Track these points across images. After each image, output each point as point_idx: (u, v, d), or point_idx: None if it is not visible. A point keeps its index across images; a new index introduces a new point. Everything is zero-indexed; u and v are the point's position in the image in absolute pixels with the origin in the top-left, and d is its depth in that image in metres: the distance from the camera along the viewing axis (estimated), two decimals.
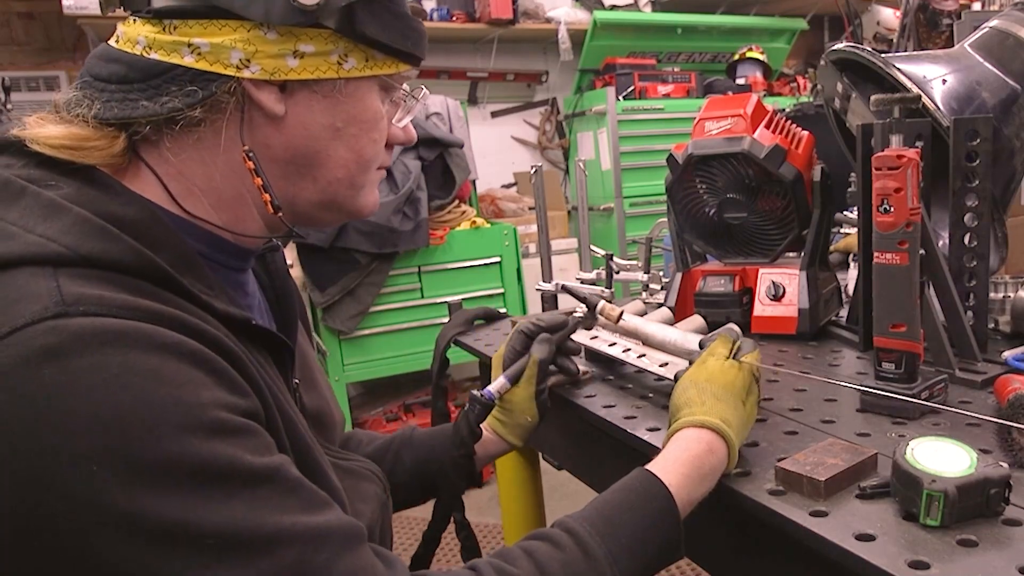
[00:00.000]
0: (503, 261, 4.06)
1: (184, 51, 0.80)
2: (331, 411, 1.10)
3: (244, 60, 0.80)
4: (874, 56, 1.41)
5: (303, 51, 0.83)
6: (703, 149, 1.53)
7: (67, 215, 0.72)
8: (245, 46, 0.80)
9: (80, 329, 0.64)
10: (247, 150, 0.84)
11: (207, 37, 0.80)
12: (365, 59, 0.87)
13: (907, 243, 1.04)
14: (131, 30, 0.82)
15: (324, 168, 0.89)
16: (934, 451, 0.82)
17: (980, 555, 0.73)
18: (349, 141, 0.89)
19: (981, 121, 1.25)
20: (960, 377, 1.19)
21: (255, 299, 0.98)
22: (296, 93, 0.85)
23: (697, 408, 0.96)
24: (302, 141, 0.87)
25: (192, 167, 0.83)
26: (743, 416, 0.98)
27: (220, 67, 0.80)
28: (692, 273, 1.66)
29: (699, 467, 0.92)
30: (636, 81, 4.99)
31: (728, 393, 0.98)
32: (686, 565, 2.98)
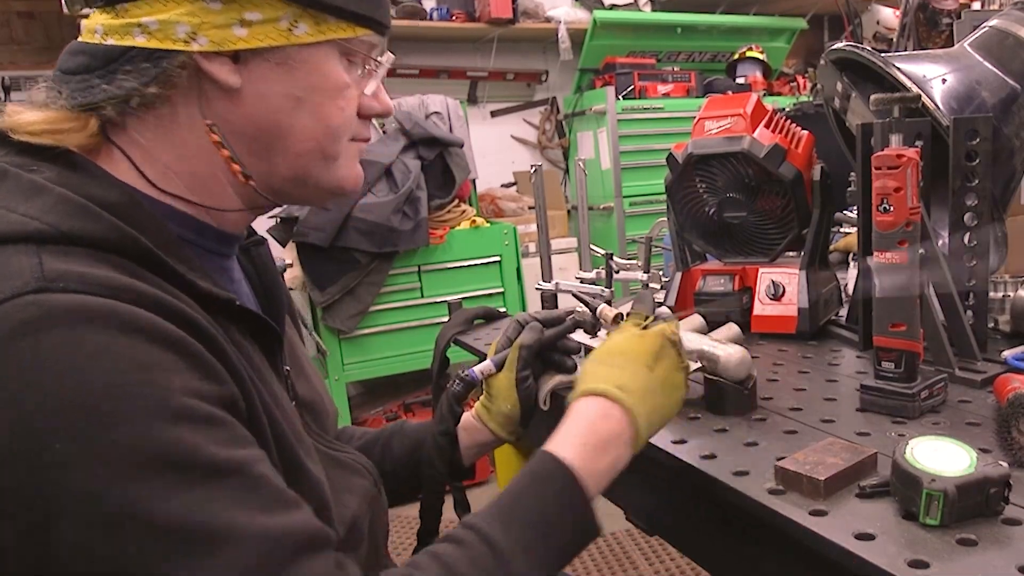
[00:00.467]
0: (503, 260, 4.06)
1: (135, 32, 0.81)
2: (323, 401, 1.10)
3: (191, 33, 0.80)
4: (874, 55, 1.41)
5: (249, 19, 0.82)
6: (703, 148, 1.53)
7: (49, 195, 0.73)
8: (190, 19, 0.80)
9: (58, 305, 0.65)
10: (209, 124, 0.85)
11: (154, 15, 0.80)
12: (316, 23, 0.86)
13: (907, 242, 1.04)
14: (90, 21, 0.84)
15: (291, 140, 0.88)
16: (934, 450, 0.82)
17: (980, 554, 0.73)
18: (313, 110, 0.88)
19: (981, 120, 1.25)
20: (960, 376, 1.19)
21: (241, 287, 0.99)
22: (251, 64, 0.84)
23: (589, 379, 0.95)
24: (263, 113, 0.86)
25: (162, 148, 0.84)
26: (647, 381, 0.94)
27: (169, 43, 0.80)
28: (692, 272, 1.66)
29: (595, 433, 0.90)
30: (636, 80, 4.99)
31: (627, 360, 0.96)
32: (686, 565, 2.98)
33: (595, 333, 1.36)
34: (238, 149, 0.87)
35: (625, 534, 3.27)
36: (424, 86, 4.81)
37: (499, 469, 1.95)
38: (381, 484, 1.09)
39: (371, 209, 3.56)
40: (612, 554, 3.15)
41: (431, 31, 4.83)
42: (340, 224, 3.52)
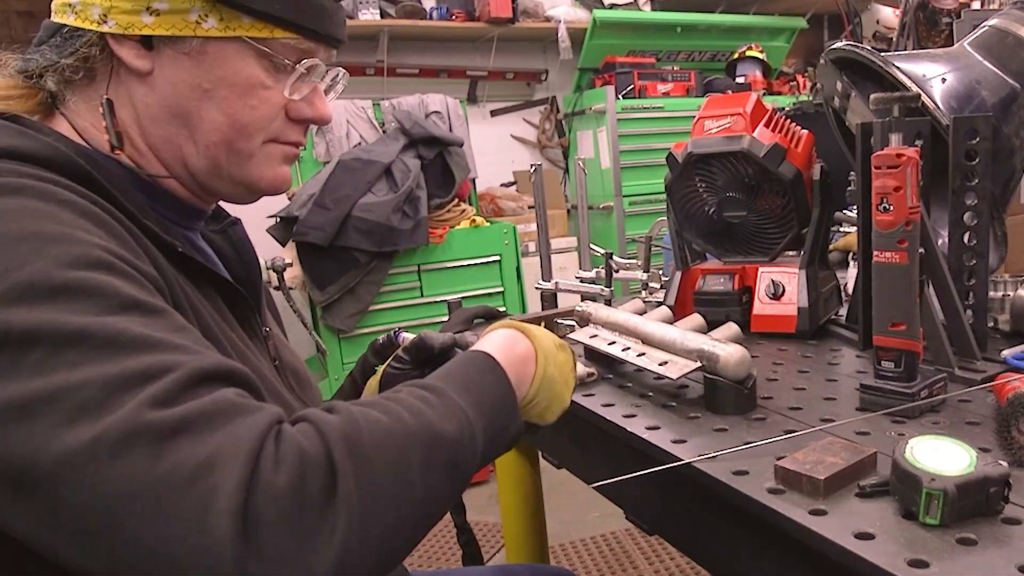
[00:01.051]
0: (503, 260, 4.06)
1: (68, 11, 0.88)
2: (308, 374, 1.14)
3: (102, 15, 0.86)
4: (873, 55, 1.41)
5: (157, 8, 0.86)
6: (702, 148, 1.53)
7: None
8: (103, 2, 0.86)
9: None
10: (105, 98, 0.89)
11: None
12: (225, 20, 0.88)
13: (906, 242, 1.04)
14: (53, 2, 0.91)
15: (198, 129, 0.91)
16: (933, 450, 0.82)
17: (980, 554, 0.73)
18: (220, 104, 0.90)
19: (981, 120, 1.25)
20: (959, 376, 1.19)
21: (209, 257, 1.02)
22: (163, 51, 0.88)
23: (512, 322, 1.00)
24: (172, 99, 0.90)
25: (99, 120, 0.90)
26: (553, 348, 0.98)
27: (87, 23, 0.87)
28: (691, 272, 1.66)
29: (512, 348, 0.93)
30: (636, 80, 4.99)
31: (543, 332, 1.00)
32: (686, 565, 2.99)
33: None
34: (153, 130, 0.91)
35: (625, 533, 3.27)
36: (424, 85, 4.81)
37: (499, 469, 1.95)
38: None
39: (371, 208, 3.56)
40: (612, 554, 3.15)
41: (431, 30, 4.84)
42: (340, 223, 3.52)
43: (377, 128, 4.14)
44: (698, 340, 1.17)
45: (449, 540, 3.24)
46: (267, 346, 1.02)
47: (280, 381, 1.01)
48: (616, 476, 0.98)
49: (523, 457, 1.89)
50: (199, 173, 0.94)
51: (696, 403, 1.20)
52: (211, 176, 0.95)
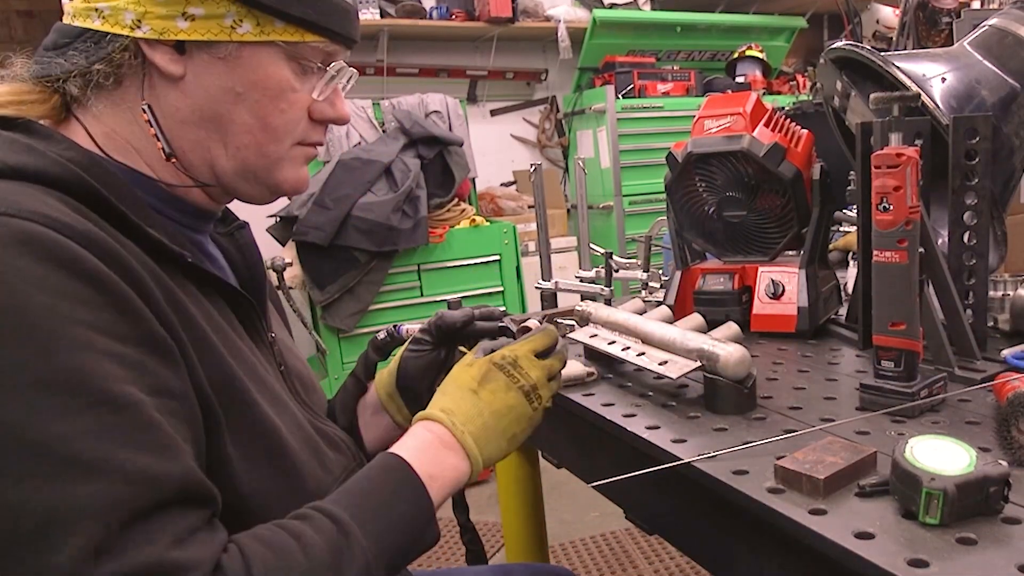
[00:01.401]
0: (502, 259, 4.06)
1: (93, 15, 0.86)
2: (313, 379, 1.14)
3: (136, 21, 0.85)
4: (873, 54, 1.41)
5: (193, 13, 0.86)
6: (702, 147, 1.53)
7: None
8: (136, 7, 0.85)
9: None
10: (145, 104, 0.88)
11: (108, 1, 0.86)
12: (259, 24, 0.89)
13: (906, 241, 1.04)
14: (70, 4, 0.90)
15: (230, 133, 0.92)
16: (933, 449, 0.82)
17: (979, 553, 0.73)
18: (252, 107, 0.91)
19: (980, 119, 1.25)
20: (959, 375, 1.19)
21: (219, 265, 1.02)
22: (195, 55, 0.88)
23: (428, 408, 1.00)
24: (204, 103, 0.90)
25: (121, 126, 0.89)
26: (472, 403, 0.99)
27: (118, 28, 0.86)
28: (691, 271, 1.66)
29: (424, 443, 0.94)
30: (635, 79, 4.99)
31: (455, 387, 1.01)
32: (686, 564, 2.99)
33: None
34: (183, 135, 0.91)
35: (625, 533, 3.27)
36: (424, 85, 4.81)
37: (499, 468, 1.95)
38: (363, 460, 1.10)
39: (371, 208, 3.56)
40: (612, 553, 3.15)
41: (431, 30, 4.84)
42: (340, 223, 3.52)
43: (377, 128, 4.14)
44: (698, 340, 1.17)
45: (452, 539, 3.24)
46: (272, 352, 1.02)
47: (285, 388, 1.01)
48: (616, 476, 0.98)
49: (523, 457, 1.89)
50: (226, 175, 0.94)
51: (696, 403, 1.20)
52: (238, 178, 0.95)
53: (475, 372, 1.01)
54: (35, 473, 0.64)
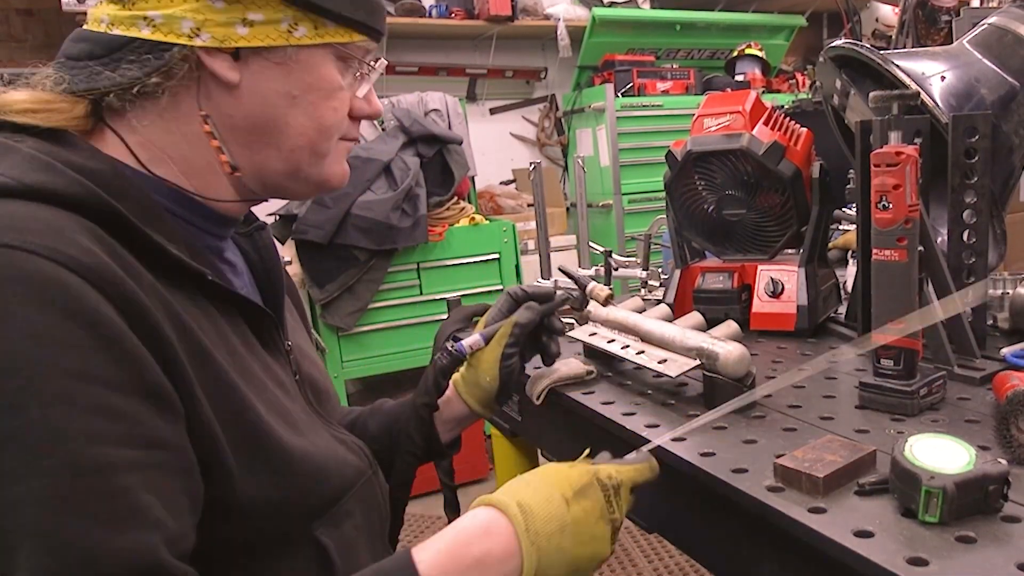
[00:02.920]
0: (502, 258, 4.06)
1: (141, 24, 0.84)
2: (328, 385, 1.13)
3: (195, 29, 0.84)
4: (873, 53, 1.41)
5: (252, 19, 0.85)
6: (702, 146, 1.53)
7: (17, 153, 0.76)
8: (195, 15, 0.83)
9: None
10: (204, 115, 0.87)
11: (160, 9, 0.83)
12: (315, 27, 0.89)
13: (906, 240, 1.04)
14: (96, 11, 0.87)
15: (284, 136, 0.91)
16: (933, 448, 0.82)
17: (979, 552, 0.73)
18: (307, 109, 0.91)
19: (980, 118, 1.25)
20: (959, 374, 1.19)
21: (238, 270, 1.01)
22: (250, 61, 0.87)
23: (498, 491, 0.88)
24: (260, 108, 0.89)
25: (159, 135, 0.87)
26: (558, 512, 0.86)
27: (173, 36, 0.84)
28: (691, 270, 1.66)
29: (467, 548, 0.82)
30: (635, 78, 4.98)
31: (543, 482, 0.88)
32: (685, 563, 2.99)
33: (583, 310, 1.35)
34: (234, 142, 0.90)
35: (624, 531, 3.27)
36: (423, 83, 4.81)
37: (498, 467, 1.95)
38: (377, 466, 1.09)
39: (370, 206, 3.56)
40: None
41: (430, 28, 4.83)
42: (339, 221, 3.51)
43: (376, 126, 4.13)
44: (697, 338, 1.17)
45: None
46: (289, 361, 1.00)
47: (300, 397, 0.99)
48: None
49: (522, 455, 1.89)
50: (275, 177, 0.94)
51: (695, 401, 1.20)
52: (287, 179, 0.95)
53: (575, 479, 0.89)
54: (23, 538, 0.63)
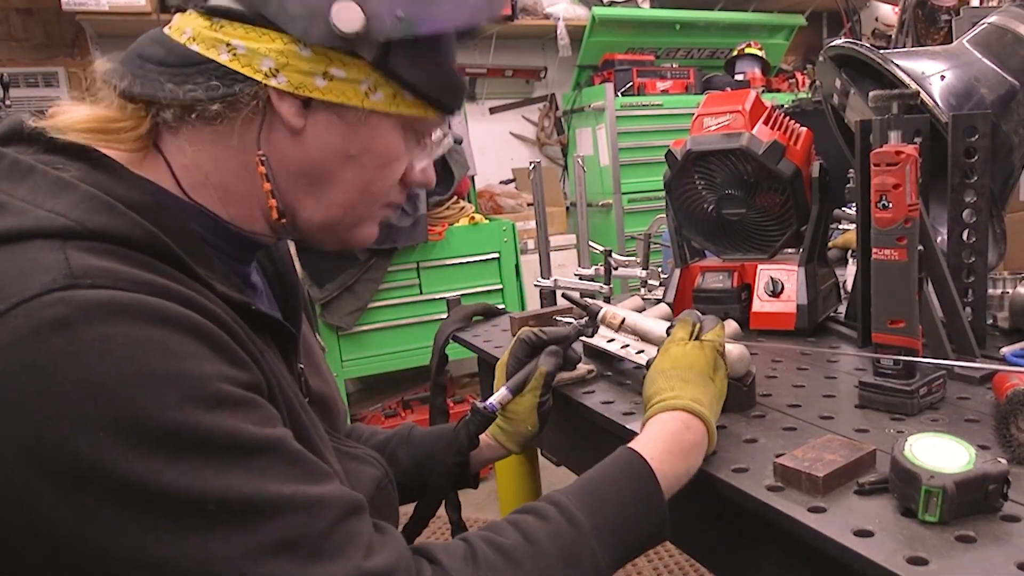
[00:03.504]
0: (501, 257, 4.06)
1: (222, 48, 0.83)
2: (335, 399, 1.12)
3: (273, 69, 0.83)
4: (872, 52, 1.41)
5: (333, 74, 0.84)
6: (701, 145, 1.53)
7: (75, 191, 0.74)
8: (278, 57, 0.82)
9: (88, 301, 0.65)
10: (262, 155, 0.86)
11: (246, 41, 0.82)
12: (393, 96, 0.88)
13: (905, 239, 1.04)
14: (183, 21, 0.86)
15: (329, 190, 0.91)
16: (932, 447, 0.82)
17: (979, 551, 0.73)
18: (359, 170, 0.91)
19: (980, 117, 1.25)
20: (959, 373, 1.19)
21: (259, 289, 1.01)
22: (319, 112, 0.86)
23: (667, 394, 0.98)
24: (315, 158, 0.88)
25: (206, 161, 0.86)
26: (713, 393, 1.00)
27: (249, 70, 0.83)
28: (691, 269, 1.66)
29: (679, 442, 0.94)
30: (635, 77, 4.98)
31: (694, 374, 1.00)
32: (685, 562, 2.99)
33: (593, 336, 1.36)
34: (279, 182, 0.89)
35: None
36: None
37: (497, 466, 1.95)
38: (392, 477, 1.10)
39: None
40: None
41: None
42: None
43: None
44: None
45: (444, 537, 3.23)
46: (300, 382, 1.00)
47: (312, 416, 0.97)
48: None
49: (522, 455, 1.89)
50: (307, 225, 0.93)
51: None
52: (319, 229, 0.95)
53: (706, 359, 1.03)
54: (220, 532, 0.66)
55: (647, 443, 0.93)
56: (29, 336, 0.63)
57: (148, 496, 0.64)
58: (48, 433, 0.62)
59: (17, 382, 0.63)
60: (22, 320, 0.64)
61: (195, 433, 0.66)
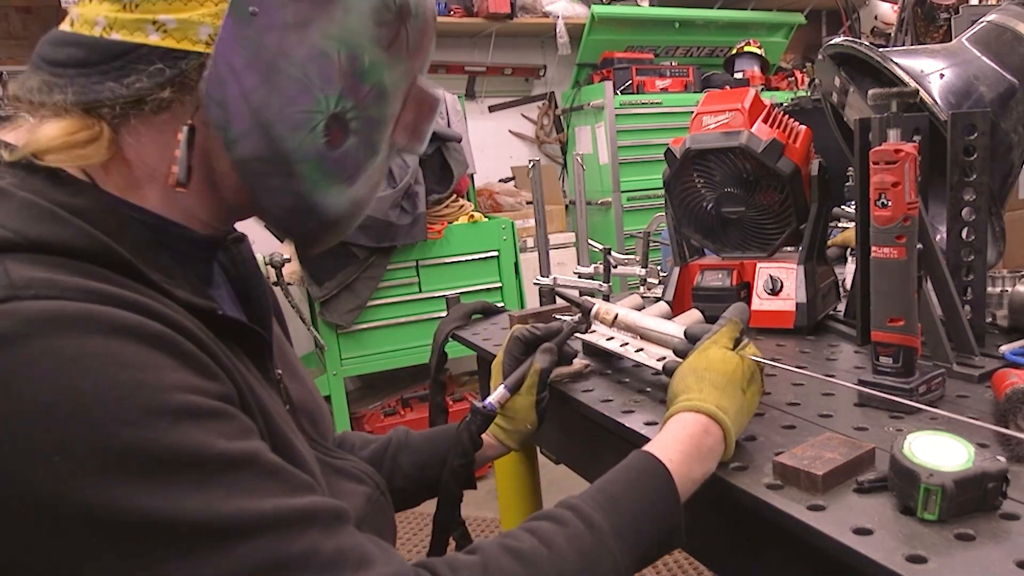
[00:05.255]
0: (501, 255, 4.06)
1: (148, 29, 0.74)
2: (319, 405, 1.06)
3: (212, 36, 0.75)
4: (872, 50, 1.41)
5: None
6: (701, 143, 1.53)
7: (12, 200, 0.68)
8: (214, 20, 0.75)
9: (32, 313, 0.60)
10: (189, 125, 0.77)
11: (173, 13, 0.74)
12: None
13: (904, 237, 1.04)
14: (87, 10, 0.76)
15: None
16: (932, 445, 0.82)
17: (978, 549, 0.73)
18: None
19: (979, 115, 1.25)
20: (958, 371, 1.19)
21: (221, 291, 0.94)
22: None
23: (695, 395, 0.96)
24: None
25: (149, 153, 0.78)
26: (741, 405, 0.98)
27: (188, 44, 0.75)
28: (690, 267, 1.66)
29: (697, 445, 0.92)
30: (634, 75, 4.98)
31: (727, 382, 0.98)
32: (684, 561, 2.99)
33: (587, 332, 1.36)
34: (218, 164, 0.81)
35: None
36: None
37: (497, 464, 1.95)
38: (386, 490, 1.07)
39: None
40: None
41: None
42: None
43: None
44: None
45: None
46: (279, 390, 0.93)
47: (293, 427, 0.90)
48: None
49: (521, 453, 1.89)
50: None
51: None
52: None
53: (743, 371, 1.00)
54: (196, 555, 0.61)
55: (665, 444, 0.92)
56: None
57: (114, 524, 0.59)
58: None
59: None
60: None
61: (160, 450, 0.61)
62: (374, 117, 0.86)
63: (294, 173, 0.81)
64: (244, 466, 0.66)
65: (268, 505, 0.65)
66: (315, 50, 0.79)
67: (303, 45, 0.78)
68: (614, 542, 0.82)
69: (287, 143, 0.79)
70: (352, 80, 0.82)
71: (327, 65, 0.80)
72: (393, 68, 0.86)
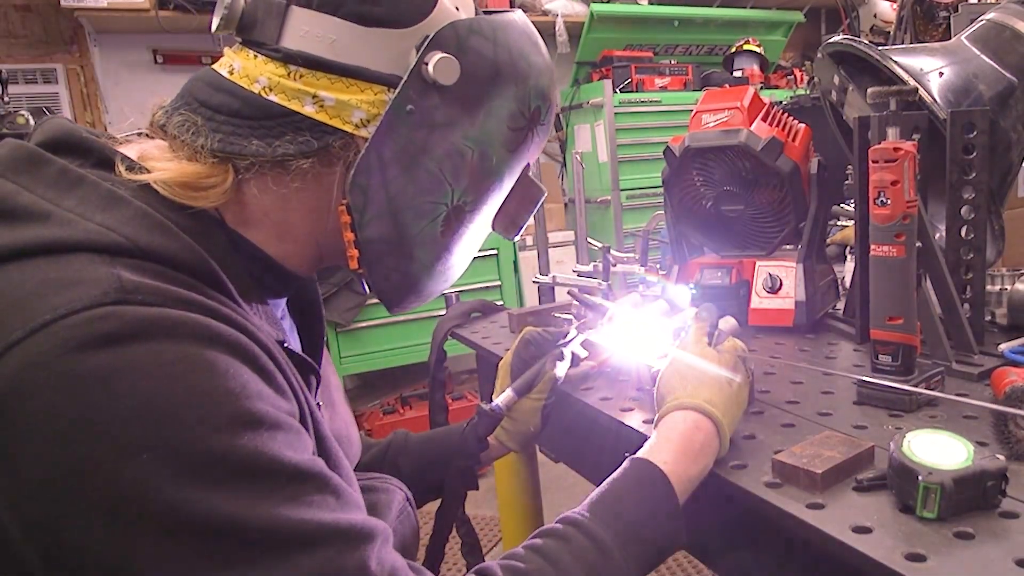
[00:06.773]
0: (500, 254, 4.06)
1: (307, 100, 0.80)
2: (351, 435, 1.09)
3: (364, 120, 0.81)
4: (871, 49, 1.41)
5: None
6: (700, 142, 1.53)
7: (127, 207, 0.72)
8: (369, 108, 0.81)
9: (139, 317, 0.64)
10: (346, 203, 0.82)
11: (334, 93, 0.80)
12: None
13: (904, 236, 1.04)
14: (250, 67, 0.81)
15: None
16: (931, 443, 0.82)
17: (977, 547, 0.73)
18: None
19: (978, 114, 1.25)
20: (957, 370, 1.19)
21: (286, 320, 0.99)
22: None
23: (680, 393, 0.98)
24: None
25: (272, 202, 0.82)
26: (729, 395, 0.99)
27: (339, 122, 0.80)
28: (689, 266, 1.66)
29: (689, 443, 0.93)
30: (633, 74, 4.98)
31: (710, 376, 1.00)
32: (684, 559, 2.99)
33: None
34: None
35: None
36: None
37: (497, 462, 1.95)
38: (412, 499, 1.10)
39: None
40: None
41: None
42: None
43: None
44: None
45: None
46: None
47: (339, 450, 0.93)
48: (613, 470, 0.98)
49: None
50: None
51: None
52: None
53: (727, 363, 1.02)
54: (261, 560, 0.64)
55: (658, 447, 0.93)
56: (76, 349, 0.60)
57: (191, 523, 0.61)
58: (89, 452, 0.60)
59: (61, 397, 0.60)
60: (70, 332, 0.61)
61: (241, 456, 0.64)
62: (487, 209, 0.93)
63: (412, 256, 0.88)
64: (309, 479, 0.70)
65: (328, 518, 0.68)
66: (453, 148, 0.85)
67: (444, 143, 0.85)
68: (619, 553, 0.82)
69: (411, 229, 0.86)
70: (478, 176, 0.89)
71: (461, 163, 0.86)
72: (514, 166, 0.93)
